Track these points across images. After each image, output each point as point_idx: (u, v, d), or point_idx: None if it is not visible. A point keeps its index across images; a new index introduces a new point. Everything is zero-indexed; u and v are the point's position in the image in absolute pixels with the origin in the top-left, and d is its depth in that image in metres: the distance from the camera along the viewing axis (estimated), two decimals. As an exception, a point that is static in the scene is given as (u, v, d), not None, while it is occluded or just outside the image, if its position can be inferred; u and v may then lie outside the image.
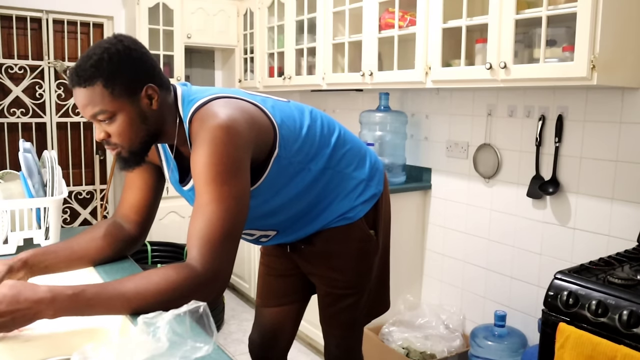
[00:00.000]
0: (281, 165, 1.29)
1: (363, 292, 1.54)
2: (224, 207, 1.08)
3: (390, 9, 2.39)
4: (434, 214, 2.70)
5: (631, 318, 1.30)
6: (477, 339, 2.24)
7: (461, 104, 2.52)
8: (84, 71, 1.10)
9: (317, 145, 1.38)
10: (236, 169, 1.12)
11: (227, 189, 1.09)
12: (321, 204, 1.43)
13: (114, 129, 1.15)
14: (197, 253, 1.06)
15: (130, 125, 1.15)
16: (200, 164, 1.10)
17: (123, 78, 1.12)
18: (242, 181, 1.13)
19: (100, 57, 1.10)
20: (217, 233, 1.07)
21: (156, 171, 1.40)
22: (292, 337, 1.72)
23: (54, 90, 3.48)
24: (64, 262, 1.28)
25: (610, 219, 1.94)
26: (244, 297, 3.49)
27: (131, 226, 1.39)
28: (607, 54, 1.64)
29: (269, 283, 1.68)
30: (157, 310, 0.91)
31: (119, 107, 1.13)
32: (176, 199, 2.96)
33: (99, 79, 1.10)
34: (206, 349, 0.86)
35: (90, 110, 1.13)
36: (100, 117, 1.14)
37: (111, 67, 1.11)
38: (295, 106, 1.42)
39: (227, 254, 1.09)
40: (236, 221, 1.10)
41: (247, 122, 1.18)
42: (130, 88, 1.14)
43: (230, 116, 1.15)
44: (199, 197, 1.10)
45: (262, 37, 3.41)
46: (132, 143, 1.18)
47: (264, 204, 1.33)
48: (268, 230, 1.44)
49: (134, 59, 1.14)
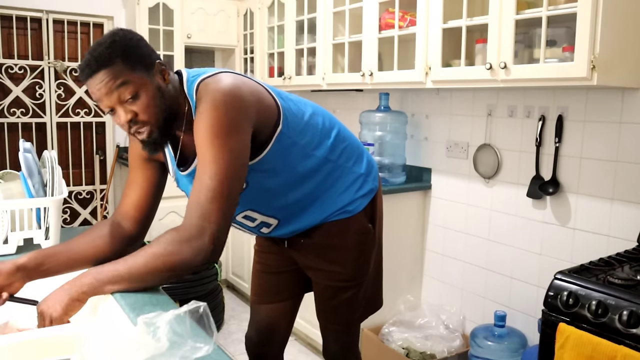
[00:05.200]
0: (286, 143, 1.33)
1: (361, 285, 1.56)
2: (220, 165, 1.14)
3: (390, 9, 2.39)
4: (434, 214, 2.70)
5: (631, 318, 1.30)
6: (477, 339, 2.24)
7: (461, 104, 2.52)
8: (100, 54, 1.14)
9: (319, 134, 1.43)
10: (234, 130, 1.18)
11: (225, 148, 1.16)
12: (322, 195, 1.46)
13: (139, 106, 1.18)
14: (190, 212, 1.14)
15: (154, 99, 1.19)
16: (202, 125, 1.17)
17: (137, 54, 1.18)
18: (241, 142, 1.19)
19: (112, 40, 1.16)
20: (212, 191, 1.13)
21: (159, 169, 1.41)
22: (287, 334, 1.75)
23: (54, 90, 3.48)
24: (64, 264, 1.28)
25: (610, 219, 1.94)
26: (244, 297, 3.49)
27: (131, 224, 1.39)
28: (607, 54, 1.64)
29: (264, 280, 1.70)
30: (159, 278, 1.12)
31: (140, 80, 1.17)
32: (176, 199, 2.97)
33: (117, 58, 1.15)
34: (206, 349, 0.86)
35: (114, 85, 1.15)
36: (125, 93, 1.16)
37: (125, 46, 1.17)
38: (299, 98, 1.48)
39: (220, 213, 1.14)
40: (231, 179, 1.16)
41: (250, 91, 1.25)
42: (145, 63, 1.20)
43: (233, 83, 1.22)
44: (199, 156, 1.17)
45: (262, 37, 3.41)
46: (158, 118, 1.21)
47: (268, 180, 1.35)
48: (270, 217, 1.46)
49: (139, 40, 1.22)
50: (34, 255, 1.24)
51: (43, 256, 1.25)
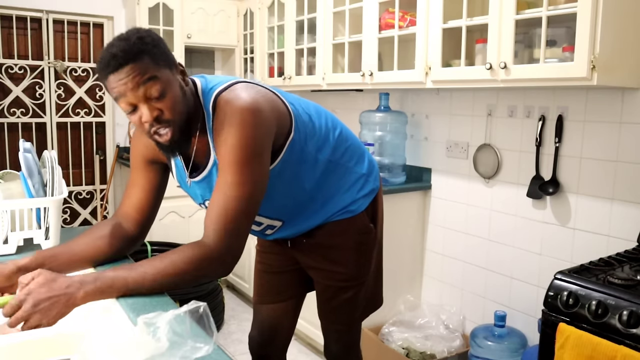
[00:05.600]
0: (294, 150, 1.34)
1: (362, 285, 1.56)
2: (244, 188, 1.16)
3: (390, 9, 2.39)
4: (434, 214, 2.70)
5: (631, 318, 1.30)
6: (477, 339, 2.24)
7: (461, 104, 2.52)
8: (130, 47, 1.11)
9: (323, 136, 1.43)
10: (260, 153, 1.19)
11: (250, 171, 1.17)
12: (325, 196, 1.46)
13: (165, 104, 1.15)
14: (212, 231, 1.15)
15: (179, 97, 1.18)
16: (228, 144, 1.16)
17: (163, 52, 1.17)
18: (264, 164, 1.21)
19: (139, 36, 1.14)
20: (233, 212, 1.15)
21: (161, 171, 1.41)
22: (290, 334, 1.75)
23: (54, 90, 3.48)
24: (65, 264, 1.28)
25: (610, 219, 1.94)
26: (244, 297, 3.49)
27: (131, 225, 1.39)
28: (607, 54, 1.64)
29: (266, 280, 1.70)
30: (179, 286, 1.11)
31: (167, 78, 1.16)
32: (176, 199, 2.97)
33: (145, 54, 1.13)
34: (206, 349, 0.86)
35: (142, 79, 1.11)
36: (152, 89, 1.13)
37: (152, 44, 1.15)
38: (302, 98, 1.48)
39: (239, 232, 1.17)
40: (253, 202, 1.19)
41: (270, 106, 1.25)
42: (170, 62, 1.19)
43: (255, 99, 1.21)
44: (222, 176, 1.17)
45: (262, 37, 3.41)
46: (182, 118, 1.19)
47: (275, 190, 1.35)
48: (275, 220, 1.46)
49: (161, 40, 1.20)
50: (35, 256, 1.24)
51: (44, 257, 1.25)
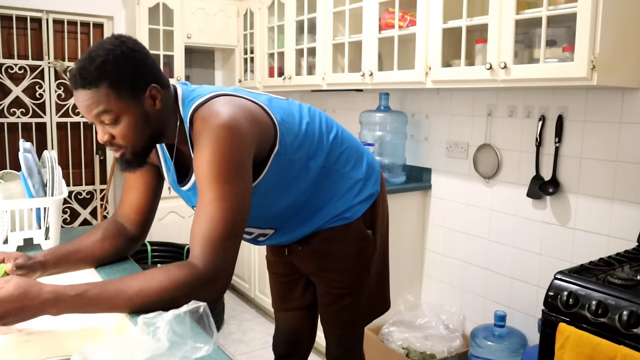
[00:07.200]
0: (281, 162, 1.29)
1: (361, 292, 1.54)
2: (226, 205, 1.09)
3: (390, 9, 2.39)
4: (434, 214, 2.70)
5: (631, 318, 1.30)
6: (477, 339, 2.24)
7: (461, 104, 2.52)
8: (88, 73, 1.09)
9: (316, 143, 1.39)
10: (239, 168, 1.13)
11: (230, 188, 1.10)
12: (318, 203, 1.43)
13: (118, 131, 1.15)
14: (199, 252, 1.06)
15: (134, 126, 1.15)
16: (204, 162, 1.11)
17: (128, 80, 1.12)
18: (245, 180, 1.14)
19: (105, 59, 1.09)
20: (219, 232, 1.07)
21: (156, 172, 1.41)
22: (311, 341, 1.74)
23: (54, 90, 3.48)
24: (65, 264, 1.28)
25: (610, 219, 1.94)
26: (244, 297, 3.49)
27: (132, 226, 1.39)
28: (607, 55, 1.64)
29: (278, 287, 1.71)
30: (159, 309, 0.91)
31: (124, 108, 1.13)
32: (176, 199, 2.96)
33: (104, 81, 1.09)
34: (206, 349, 0.86)
35: (95, 110, 1.11)
36: (105, 118, 1.13)
37: (117, 70, 1.10)
38: (294, 104, 1.43)
39: (228, 253, 1.09)
40: (238, 220, 1.11)
41: (249, 121, 1.19)
42: (135, 89, 1.14)
43: (232, 115, 1.15)
44: (202, 195, 1.11)
45: (262, 37, 3.41)
46: (136, 144, 1.18)
47: (263, 201, 1.33)
48: (266, 229, 1.44)
49: (138, 60, 1.14)
50: (49, 253, 1.26)
51: (57, 257, 1.27)
